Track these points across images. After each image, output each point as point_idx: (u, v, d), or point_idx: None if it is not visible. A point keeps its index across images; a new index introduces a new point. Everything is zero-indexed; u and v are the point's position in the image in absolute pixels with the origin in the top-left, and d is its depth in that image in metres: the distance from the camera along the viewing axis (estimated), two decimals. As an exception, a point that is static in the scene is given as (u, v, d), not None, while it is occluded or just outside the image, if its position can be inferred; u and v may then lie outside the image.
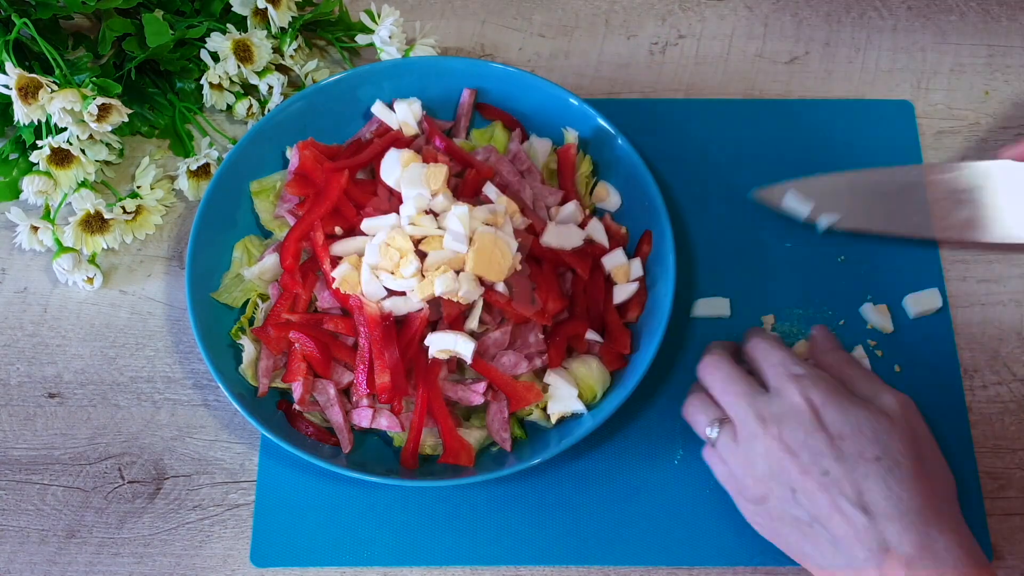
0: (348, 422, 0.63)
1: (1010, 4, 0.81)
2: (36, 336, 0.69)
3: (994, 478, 0.64)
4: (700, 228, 0.72)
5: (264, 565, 0.62)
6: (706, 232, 0.72)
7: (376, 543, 0.62)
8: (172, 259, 0.72)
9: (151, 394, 0.67)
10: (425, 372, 0.62)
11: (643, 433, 0.65)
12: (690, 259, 0.71)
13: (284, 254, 0.65)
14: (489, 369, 0.62)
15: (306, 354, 0.63)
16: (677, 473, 0.64)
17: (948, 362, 0.68)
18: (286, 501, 0.64)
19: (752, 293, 0.69)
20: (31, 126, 0.70)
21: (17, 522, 0.63)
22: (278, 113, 0.69)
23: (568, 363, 0.64)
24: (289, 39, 0.75)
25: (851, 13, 0.81)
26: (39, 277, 0.71)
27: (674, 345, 0.68)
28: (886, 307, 0.68)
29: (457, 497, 0.64)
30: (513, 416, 0.63)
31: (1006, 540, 0.63)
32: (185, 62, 0.74)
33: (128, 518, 0.64)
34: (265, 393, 0.64)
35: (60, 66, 0.68)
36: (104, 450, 0.66)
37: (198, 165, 0.72)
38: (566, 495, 0.64)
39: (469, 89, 0.71)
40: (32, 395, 0.67)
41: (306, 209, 0.66)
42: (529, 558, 0.62)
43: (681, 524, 0.63)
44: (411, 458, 0.62)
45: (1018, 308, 0.70)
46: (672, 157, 0.73)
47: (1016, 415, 0.66)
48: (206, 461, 0.65)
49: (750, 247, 0.71)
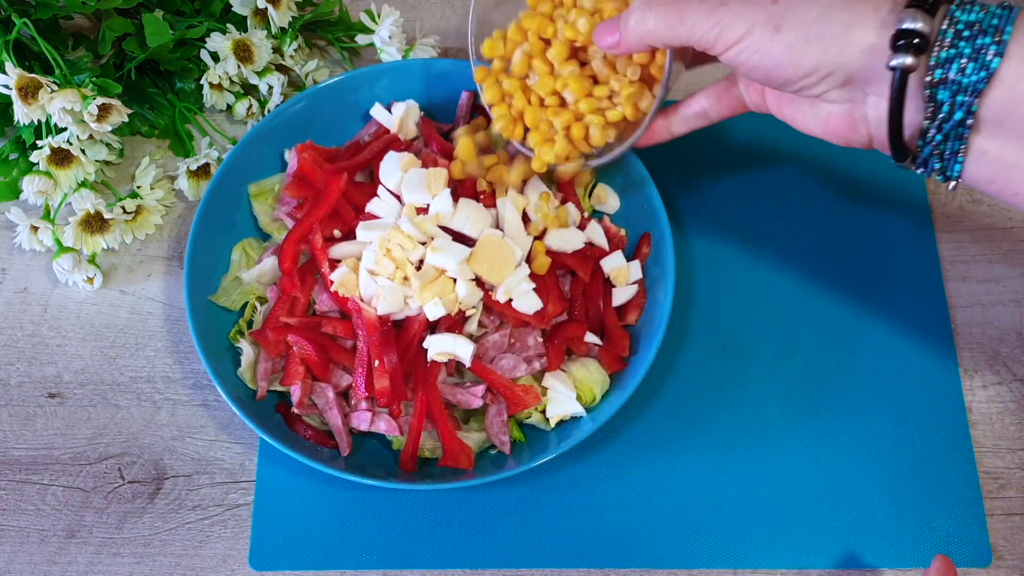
0: (347, 425, 0.63)
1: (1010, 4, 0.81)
2: (36, 336, 0.69)
3: (994, 478, 0.64)
4: (699, 229, 0.72)
5: (263, 568, 0.62)
6: (706, 233, 0.72)
7: (375, 546, 0.63)
8: (172, 259, 0.72)
9: (151, 394, 0.67)
10: (424, 375, 0.62)
11: (642, 435, 0.65)
12: (689, 261, 0.70)
13: (282, 257, 0.65)
14: (488, 372, 0.62)
15: (304, 357, 0.63)
16: (676, 475, 0.64)
17: (948, 362, 0.68)
18: (285, 504, 0.64)
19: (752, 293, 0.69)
20: (31, 126, 0.70)
21: (17, 522, 0.64)
22: (278, 114, 0.69)
23: (567, 366, 0.64)
24: (289, 39, 0.75)
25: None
26: (39, 277, 0.71)
27: (673, 347, 0.68)
28: None
29: (456, 500, 0.64)
30: (512, 419, 0.63)
31: (1006, 540, 0.63)
32: (185, 62, 0.74)
33: (128, 518, 0.64)
34: (264, 396, 0.64)
35: (60, 66, 0.68)
36: (104, 450, 0.66)
37: (198, 165, 0.72)
38: (565, 498, 0.64)
39: (468, 92, 0.71)
40: (32, 395, 0.67)
41: (305, 212, 0.66)
42: (528, 561, 0.62)
43: (680, 526, 0.63)
44: (410, 461, 0.62)
45: (1018, 308, 0.70)
46: (671, 158, 0.73)
47: (1016, 415, 0.66)
48: (206, 461, 0.65)
49: (750, 247, 0.71)
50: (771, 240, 0.71)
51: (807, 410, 0.66)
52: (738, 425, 0.66)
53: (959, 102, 0.46)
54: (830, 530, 0.63)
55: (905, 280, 0.70)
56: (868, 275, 0.70)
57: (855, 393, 0.67)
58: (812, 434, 0.65)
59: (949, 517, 0.63)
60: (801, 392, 0.67)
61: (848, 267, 0.70)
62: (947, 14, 0.46)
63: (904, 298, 0.69)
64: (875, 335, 0.68)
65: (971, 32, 0.45)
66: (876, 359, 0.67)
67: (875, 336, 0.68)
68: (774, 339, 0.68)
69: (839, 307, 0.69)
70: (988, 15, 0.45)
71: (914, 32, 0.45)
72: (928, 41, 0.45)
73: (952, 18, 0.45)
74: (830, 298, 0.69)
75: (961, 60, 0.45)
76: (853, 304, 0.69)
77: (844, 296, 0.69)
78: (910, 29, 0.45)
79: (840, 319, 0.69)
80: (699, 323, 0.69)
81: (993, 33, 0.45)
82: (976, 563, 0.62)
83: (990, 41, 0.45)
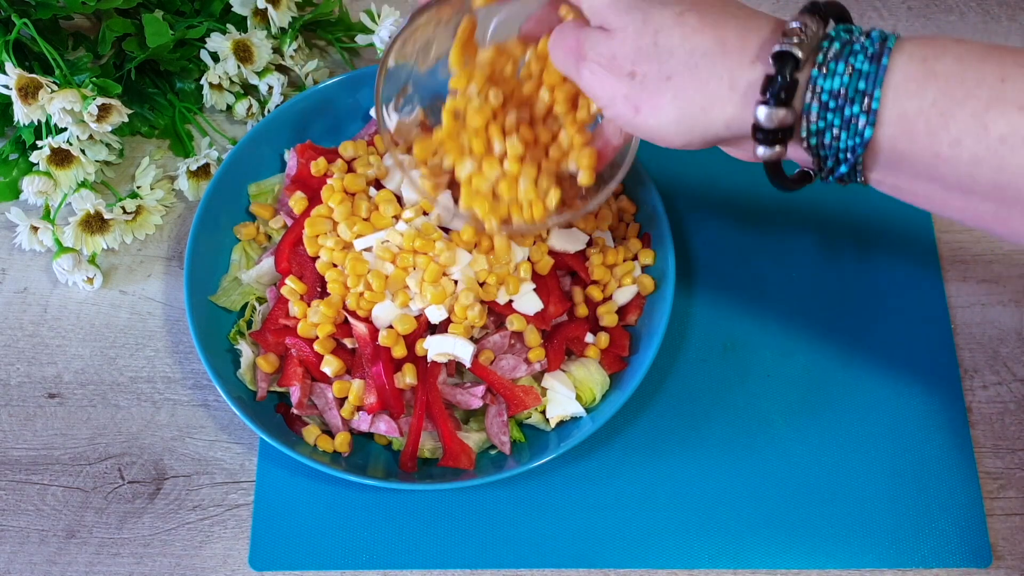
0: (347, 426, 0.63)
1: (1010, 4, 0.81)
2: (36, 336, 0.69)
3: (994, 478, 0.64)
4: (699, 229, 0.72)
5: (263, 568, 0.62)
6: (705, 233, 0.72)
7: (375, 546, 0.62)
8: (172, 259, 0.72)
9: (151, 394, 0.67)
10: (424, 375, 0.62)
11: (642, 435, 0.65)
12: (689, 261, 0.70)
13: (279, 258, 0.65)
14: (488, 372, 0.62)
15: (303, 359, 0.63)
16: (676, 475, 0.64)
17: (948, 362, 0.68)
18: (285, 504, 0.64)
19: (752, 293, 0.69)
20: (31, 126, 0.70)
21: (17, 522, 0.64)
22: (278, 114, 0.69)
23: (567, 366, 0.64)
24: (289, 39, 0.75)
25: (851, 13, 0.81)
26: (39, 277, 0.71)
27: (673, 348, 0.68)
28: None
29: (455, 500, 0.64)
30: (512, 419, 0.63)
31: (1006, 540, 0.63)
32: (185, 62, 0.74)
33: (128, 518, 0.64)
34: (264, 397, 0.64)
35: (60, 66, 0.68)
36: (104, 450, 0.66)
37: (198, 165, 0.72)
38: (565, 498, 0.64)
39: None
40: (32, 395, 0.67)
41: (302, 213, 0.66)
42: (529, 561, 0.62)
43: (681, 526, 0.63)
44: (410, 461, 0.62)
45: (1018, 308, 0.70)
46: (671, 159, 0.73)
47: (1016, 415, 0.66)
48: (206, 461, 0.65)
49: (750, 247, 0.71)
50: (771, 240, 0.71)
51: (807, 410, 0.66)
52: (738, 425, 0.66)
53: (842, 159, 0.44)
54: (830, 530, 0.63)
55: (905, 280, 0.70)
56: (868, 275, 0.70)
57: (855, 393, 0.66)
58: (812, 434, 0.65)
59: (949, 517, 0.63)
60: (801, 392, 0.67)
61: (848, 267, 0.70)
62: (810, 81, 0.42)
63: (904, 298, 0.69)
64: (875, 335, 0.68)
65: (837, 103, 0.42)
66: (876, 359, 0.67)
67: (875, 336, 0.68)
68: (774, 339, 0.68)
69: (839, 307, 0.69)
70: (854, 77, 0.41)
71: (774, 121, 0.43)
72: (791, 127, 0.43)
73: (815, 88, 0.42)
74: (830, 298, 0.69)
75: (833, 131, 0.43)
76: (853, 304, 0.69)
77: (844, 296, 0.69)
78: (767, 128, 0.43)
79: (840, 319, 0.69)
80: (699, 323, 0.69)
81: (861, 100, 0.41)
82: (976, 563, 0.62)
83: (859, 111, 0.41)
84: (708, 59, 0.44)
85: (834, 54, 0.42)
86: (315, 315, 0.62)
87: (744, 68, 0.44)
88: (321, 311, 0.62)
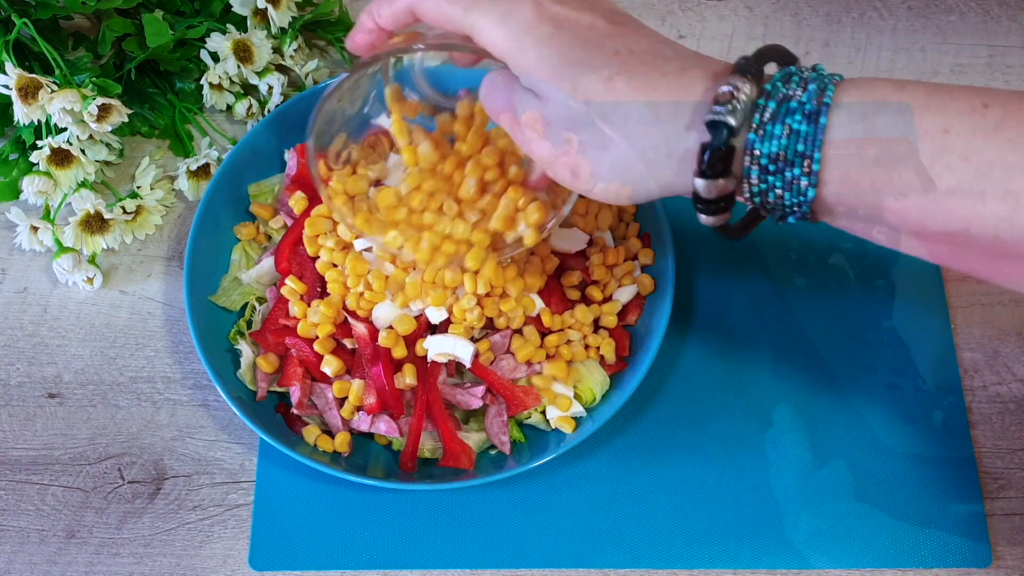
0: (347, 426, 0.63)
1: (1010, 4, 0.81)
2: (36, 336, 0.69)
3: (994, 478, 0.64)
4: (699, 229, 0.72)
5: (263, 568, 0.62)
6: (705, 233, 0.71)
7: (375, 546, 0.62)
8: (172, 259, 0.72)
9: (151, 394, 0.67)
10: (424, 376, 0.62)
11: (642, 435, 0.65)
12: (688, 262, 0.70)
13: (279, 258, 0.65)
14: (488, 373, 0.62)
15: (303, 359, 0.63)
16: (676, 475, 0.64)
17: (948, 362, 0.68)
18: (285, 504, 0.64)
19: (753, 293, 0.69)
20: (31, 126, 0.70)
21: (17, 522, 0.64)
22: (278, 114, 0.69)
23: (567, 366, 0.64)
24: (289, 39, 0.75)
25: (851, 13, 0.81)
26: (39, 277, 0.71)
27: (673, 348, 0.68)
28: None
29: (455, 500, 0.64)
30: (512, 419, 0.63)
31: (1006, 540, 0.63)
32: (185, 62, 0.74)
33: (128, 518, 0.64)
34: (264, 397, 0.64)
35: (60, 66, 0.68)
36: (104, 450, 0.66)
37: (198, 165, 0.72)
38: (565, 498, 0.64)
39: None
40: (32, 395, 0.67)
41: (302, 213, 0.66)
42: (529, 561, 0.62)
43: (680, 526, 0.63)
44: (410, 461, 0.62)
45: (1018, 308, 0.70)
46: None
47: (1016, 415, 0.66)
48: (206, 461, 0.65)
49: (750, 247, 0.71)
50: (771, 240, 0.71)
51: (807, 411, 0.66)
52: (738, 425, 0.66)
53: (788, 212, 0.44)
54: (830, 530, 0.63)
55: (905, 280, 0.70)
56: (868, 275, 0.70)
57: (855, 393, 0.66)
58: (811, 434, 0.65)
59: (949, 517, 0.63)
60: (801, 392, 0.67)
61: (848, 267, 0.70)
62: (747, 146, 0.41)
63: (904, 298, 0.69)
64: (875, 335, 0.68)
65: (777, 166, 0.41)
66: (875, 359, 0.67)
67: (875, 336, 0.68)
68: (774, 340, 0.68)
69: (839, 307, 0.69)
70: (792, 139, 0.40)
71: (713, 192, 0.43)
72: (733, 192, 0.43)
73: (753, 153, 0.41)
74: (830, 298, 0.69)
75: (776, 191, 0.42)
76: (853, 304, 0.69)
77: (844, 296, 0.69)
78: (707, 199, 0.43)
79: (840, 319, 0.69)
80: (699, 323, 0.69)
81: (801, 163, 0.41)
82: (976, 563, 0.62)
83: (800, 173, 0.41)
84: (642, 127, 0.44)
85: (770, 115, 0.41)
86: (315, 315, 0.62)
87: (679, 136, 0.43)
88: (321, 311, 0.62)
